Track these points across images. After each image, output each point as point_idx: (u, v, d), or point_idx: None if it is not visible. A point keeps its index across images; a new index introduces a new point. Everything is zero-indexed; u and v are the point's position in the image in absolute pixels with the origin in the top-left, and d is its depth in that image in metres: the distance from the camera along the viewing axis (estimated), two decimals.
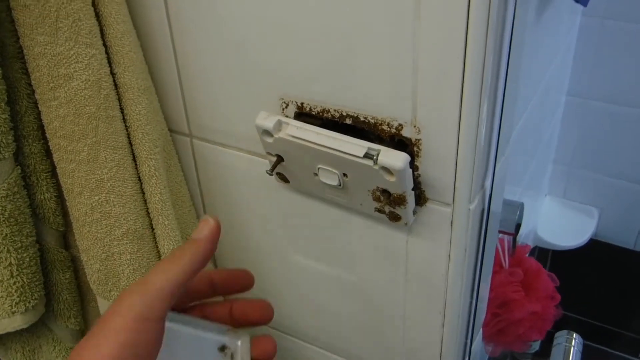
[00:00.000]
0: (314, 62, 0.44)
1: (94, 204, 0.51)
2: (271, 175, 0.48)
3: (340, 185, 0.45)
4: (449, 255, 0.47)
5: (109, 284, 0.55)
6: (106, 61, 0.48)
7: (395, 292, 0.53)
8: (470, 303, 0.54)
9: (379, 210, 0.45)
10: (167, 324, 0.38)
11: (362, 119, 0.44)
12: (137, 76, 0.50)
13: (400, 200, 0.43)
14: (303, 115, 0.47)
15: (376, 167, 0.41)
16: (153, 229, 0.55)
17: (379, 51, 0.40)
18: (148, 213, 0.54)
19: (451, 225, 0.46)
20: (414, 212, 0.45)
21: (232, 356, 0.42)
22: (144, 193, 0.53)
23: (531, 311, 0.85)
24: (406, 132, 0.43)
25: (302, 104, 0.47)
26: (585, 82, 1.24)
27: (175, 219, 0.55)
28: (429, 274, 0.49)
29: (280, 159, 0.47)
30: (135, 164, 0.52)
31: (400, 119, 0.43)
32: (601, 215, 1.43)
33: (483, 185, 0.47)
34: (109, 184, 0.51)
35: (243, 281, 0.46)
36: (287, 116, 0.48)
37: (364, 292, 0.55)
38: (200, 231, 0.40)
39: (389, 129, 0.43)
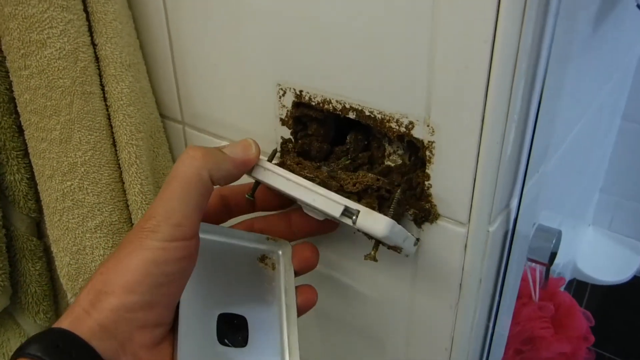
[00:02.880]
0: (314, 45, 0.37)
1: (65, 190, 0.46)
2: (252, 199, 0.41)
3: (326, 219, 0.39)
4: (460, 284, 0.40)
5: (80, 280, 0.50)
6: (86, 29, 0.43)
7: (396, 323, 0.45)
8: (484, 341, 0.46)
9: (372, 258, 0.37)
10: (201, 236, 0.35)
11: (367, 113, 0.37)
12: (121, 49, 0.44)
13: (394, 248, 0.37)
14: (302, 105, 0.41)
15: (356, 227, 0.34)
16: (132, 224, 0.49)
17: (389, 34, 0.34)
18: (127, 205, 0.48)
19: (465, 248, 0.38)
20: (416, 243, 0.38)
21: (273, 266, 0.40)
22: (123, 182, 0.48)
23: (560, 352, 0.76)
24: (418, 133, 0.36)
25: (300, 92, 0.40)
26: None
27: None
28: (435, 304, 0.42)
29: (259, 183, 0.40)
30: (115, 149, 0.47)
31: (411, 116, 0.36)
32: None
33: (508, 205, 0.39)
34: (82, 169, 0.45)
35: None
36: (284, 105, 0.41)
37: (362, 320, 0.48)
38: (233, 149, 0.36)
39: (397, 127, 0.36)
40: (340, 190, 0.37)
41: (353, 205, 0.34)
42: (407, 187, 0.40)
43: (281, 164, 0.40)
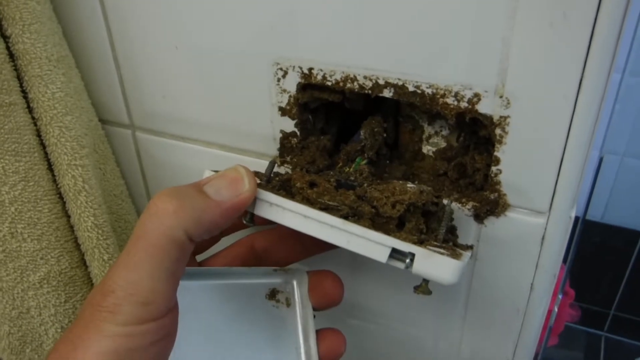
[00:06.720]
0: (332, 3, 0.28)
1: None
2: (251, 224, 0.31)
3: None
4: (532, 284, 0.33)
5: (27, 351, 0.38)
6: None
7: (449, 329, 0.38)
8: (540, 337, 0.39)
9: (425, 291, 0.29)
10: (190, 283, 0.30)
11: (411, 88, 0.28)
12: (45, 40, 0.32)
13: None
14: (311, 87, 0.31)
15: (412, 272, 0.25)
16: (87, 267, 0.38)
17: None
18: (78, 245, 0.37)
19: (542, 242, 0.31)
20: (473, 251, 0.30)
21: (287, 302, 0.32)
22: (69, 217, 0.36)
23: None
24: (485, 107, 0.28)
25: (310, 69, 0.30)
26: None
27: (119, 250, 0.38)
28: (499, 309, 0.35)
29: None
30: (53, 175, 0.35)
31: (477, 87, 0.27)
32: None
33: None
34: (13, 209, 0.33)
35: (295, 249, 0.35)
36: (284, 90, 0.32)
37: (408, 329, 0.40)
38: (218, 188, 0.26)
39: (456, 102, 0.28)
40: (377, 216, 0.28)
41: (403, 245, 0.25)
42: (457, 175, 0.32)
43: (286, 184, 0.29)
